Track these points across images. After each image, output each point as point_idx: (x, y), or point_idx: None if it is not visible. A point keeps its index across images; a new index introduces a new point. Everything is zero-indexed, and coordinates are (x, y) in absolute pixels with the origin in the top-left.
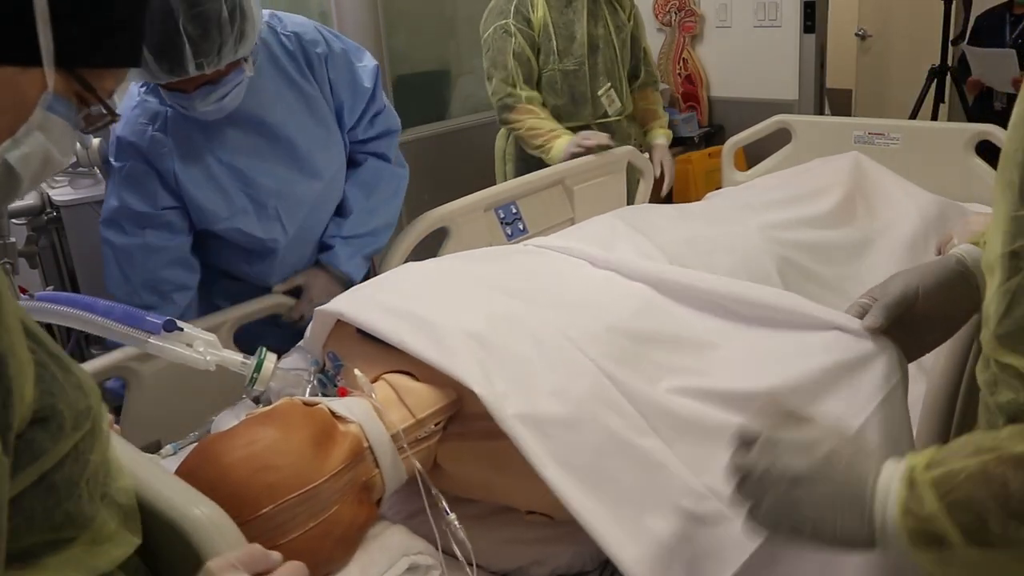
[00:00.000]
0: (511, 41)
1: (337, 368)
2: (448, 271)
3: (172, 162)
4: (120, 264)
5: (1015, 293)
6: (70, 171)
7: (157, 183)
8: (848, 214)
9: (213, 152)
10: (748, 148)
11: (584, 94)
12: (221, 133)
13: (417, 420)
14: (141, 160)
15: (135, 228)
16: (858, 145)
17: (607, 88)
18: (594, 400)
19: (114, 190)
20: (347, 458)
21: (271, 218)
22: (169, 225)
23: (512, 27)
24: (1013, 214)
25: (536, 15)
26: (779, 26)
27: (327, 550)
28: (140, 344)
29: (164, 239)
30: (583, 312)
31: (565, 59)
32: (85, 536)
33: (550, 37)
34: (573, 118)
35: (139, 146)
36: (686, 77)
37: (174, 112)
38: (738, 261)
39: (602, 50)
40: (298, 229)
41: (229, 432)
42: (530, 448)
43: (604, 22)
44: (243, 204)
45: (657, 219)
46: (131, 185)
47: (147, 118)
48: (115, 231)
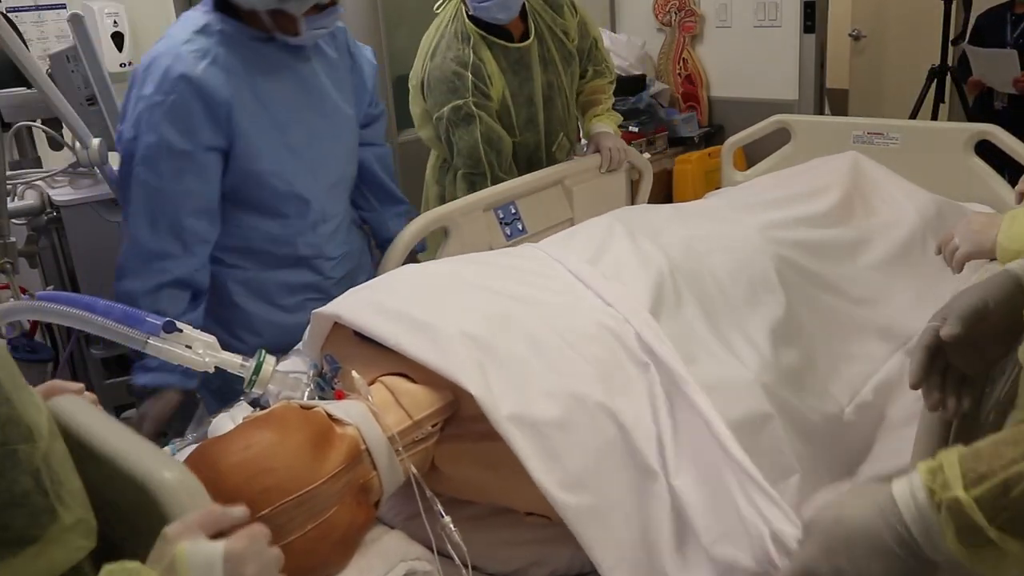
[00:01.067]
0: (476, 125)
1: (335, 371)
2: (445, 273)
3: (227, 92)
4: (149, 206)
5: None
6: (70, 171)
7: (204, 117)
8: (847, 214)
9: (258, 91)
10: (747, 148)
11: (541, 159)
12: (265, 74)
13: (414, 422)
14: (192, 92)
15: (172, 167)
16: (857, 145)
17: (560, 138)
18: (590, 402)
19: (152, 126)
20: (344, 460)
21: (305, 168)
22: (205, 169)
23: (473, 108)
24: None
25: (494, 88)
26: (779, 26)
27: (326, 552)
28: (139, 345)
29: (198, 184)
30: (579, 314)
31: (526, 132)
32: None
33: (510, 111)
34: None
35: (191, 77)
36: (686, 77)
37: (225, 51)
38: (736, 261)
39: (555, 97)
40: (329, 193)
41: (227, 436)
42: (521, 448)
43: (554, 65)
44: (284, 148)
45: (655, 220)
46: (174, 119)
47: (200, 53)
48: (149, 169)
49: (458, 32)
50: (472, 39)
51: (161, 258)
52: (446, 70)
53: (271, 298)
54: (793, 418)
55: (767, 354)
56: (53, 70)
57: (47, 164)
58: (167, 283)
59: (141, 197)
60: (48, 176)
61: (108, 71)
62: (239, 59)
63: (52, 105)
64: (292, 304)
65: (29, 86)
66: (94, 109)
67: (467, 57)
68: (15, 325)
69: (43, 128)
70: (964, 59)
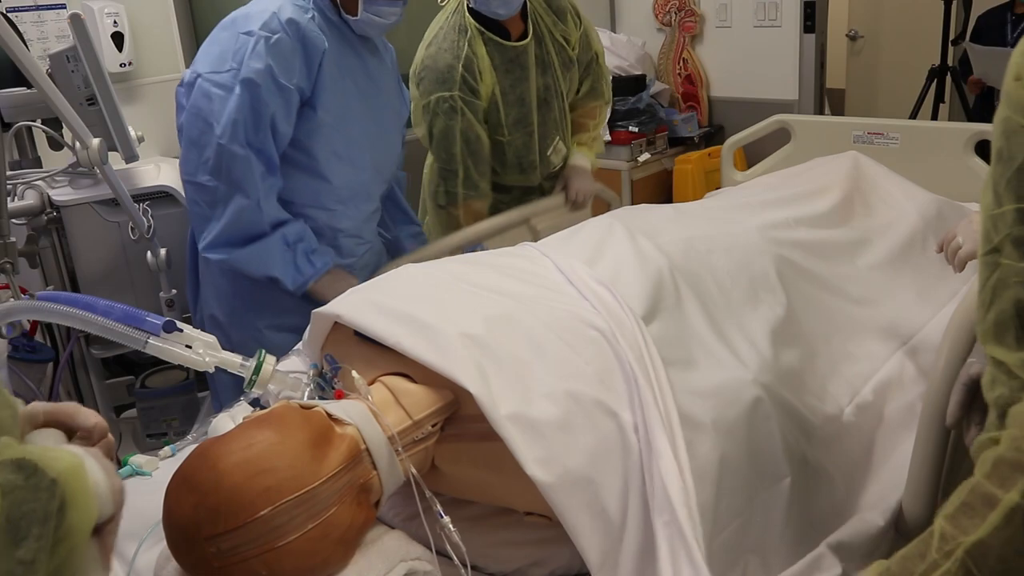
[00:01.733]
0: (458, 120)
1: (335, 370)
2: (445, 274)
3: (323, 44)
4: (250, 127)
5: (995, 289)
6: (70, 171)
7: (302, 60)
8: (847, 214)
9: (340, 59)
10: (747, 148)
11: (533, 162)
12: (342, 50)
13: (414, 422)
14: (296, 35)
15: (272, 95)
16: (857, 145)
17: (556, 142)
18: (589, 403)
19: (259, 55)
20: (344, 460)
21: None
22: (290, 110)
23: (459, 102)
24: (990, 213)
25: (484, 84)
26: (779, 26)
27: (326, 551)
28: (139, 344)
29: (284, 122)
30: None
31: (515, 131)
32: None
33: (498, 108)
34: (522, 182)
35: (298, 22)
36: (686, 77)
37: (320, 16)
38: (737, 261)
39: (550, 101)
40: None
41: (226, 436)
42: (519, 448)
43: (552, 68)
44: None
45: (655, 220)
46: (278, 54)
47: (303, 9)
48: (253, 93)
49: (457, 25)
50: (469, 32)
51: (267, 175)
52: (439, 60)
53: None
54: (792, 418)
55: (767, 354)
56: (53, 70)
57: (47, 164)
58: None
59: (243, 119)
60: (48, 176)
61: (108, 71)
62: (331, 27)
63: (52, 105)
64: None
65: (29, 86)
66: (94, 109)
67: (461, 50)
68: (15, 325)
69: (43, 128)
70: (965, 58)
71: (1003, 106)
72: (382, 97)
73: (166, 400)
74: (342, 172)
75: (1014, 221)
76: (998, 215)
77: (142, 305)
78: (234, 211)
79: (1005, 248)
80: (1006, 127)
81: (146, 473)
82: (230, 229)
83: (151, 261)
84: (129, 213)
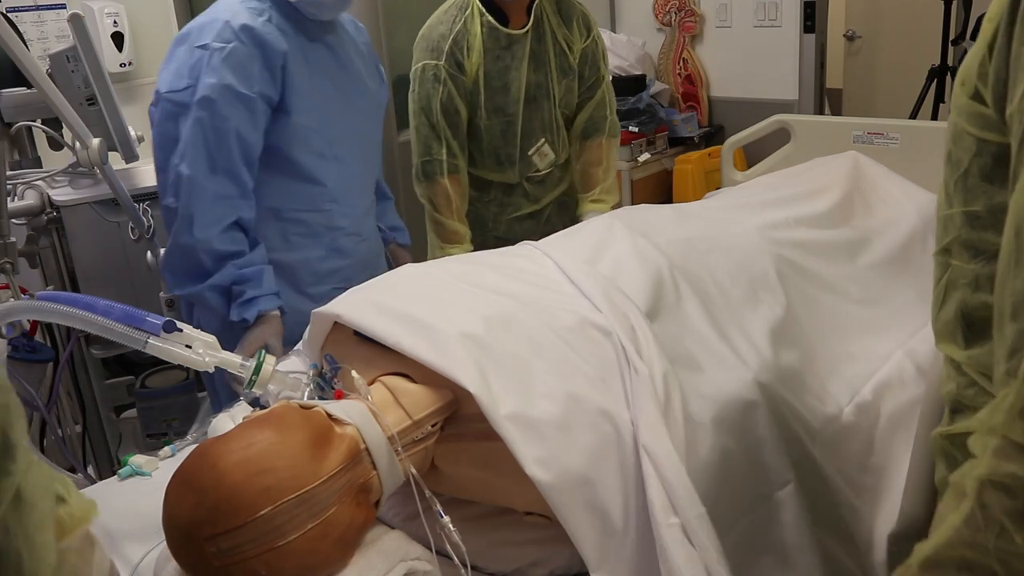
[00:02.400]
0: (439, 89)
1: (334, 371)
2: (445, 273)
3: (282, 46)
4: (208, 148)
5: (946, 289)
6: (70, 171)
7: (262, 66)
8: (846, 213)
9: (307, 56)
10: (747, 148)
11: (511, 156)
12: (310, 45)
13: (414, 421)
14: (252, 41)
15: (232, 110)
16: (857, 145)
17: (541, 144)
18: (589, 403)
19: (213, 70)
20: (344, 460)
21: (346, 132)
22: (257, 118)
23: (443, 72)
24: (941, 214)
25: (470, 61)
26: (779, 26)
27: (326, 551)
28: (139, 344)
29: (251, 132)
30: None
31: (493, 117)
32: None
33: (479, 91)
34: (500, 177)
35: (252, 28)
36: (686, 77)
37: (278, 14)
38: (736, 260)
39: (539, 100)
40: (360, 169)
41: (226, 435)
42: (518, 448)
43: (546, 68)
44: (327, 109)
45: (655, 219)
46: (235, 65)
47: (258, 11)
48: (210, 110)
49: (461, 2)
50: (469, 10)
51: (223, 198)
52: (433, 31)
53: (298, 284)
54: (792, 418)
55: (767, 354)
56: (53, 70)
57: (47, 164)
58: (232, 224)
59: (200, 139)
60: (48, 176)
61: (108, 71)
62: (290, 23)
63: (52, 105)
64: (318, 293)
65: (29, 86)
66: (94, 109)
67: (456, 24)
68: (15, 325)
69: (43, 128)
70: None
71: (952, 111)
72: (358, 84)
73: (166, 400)
74: (331, 172)
75: (962, 224)
76: (948, 216)
77: (142, 305)
78: (184, 247)
79: (954, 249)
80: (953, 131)
81: (146, 473)
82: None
83: (151, 261)
84: (129, 213)
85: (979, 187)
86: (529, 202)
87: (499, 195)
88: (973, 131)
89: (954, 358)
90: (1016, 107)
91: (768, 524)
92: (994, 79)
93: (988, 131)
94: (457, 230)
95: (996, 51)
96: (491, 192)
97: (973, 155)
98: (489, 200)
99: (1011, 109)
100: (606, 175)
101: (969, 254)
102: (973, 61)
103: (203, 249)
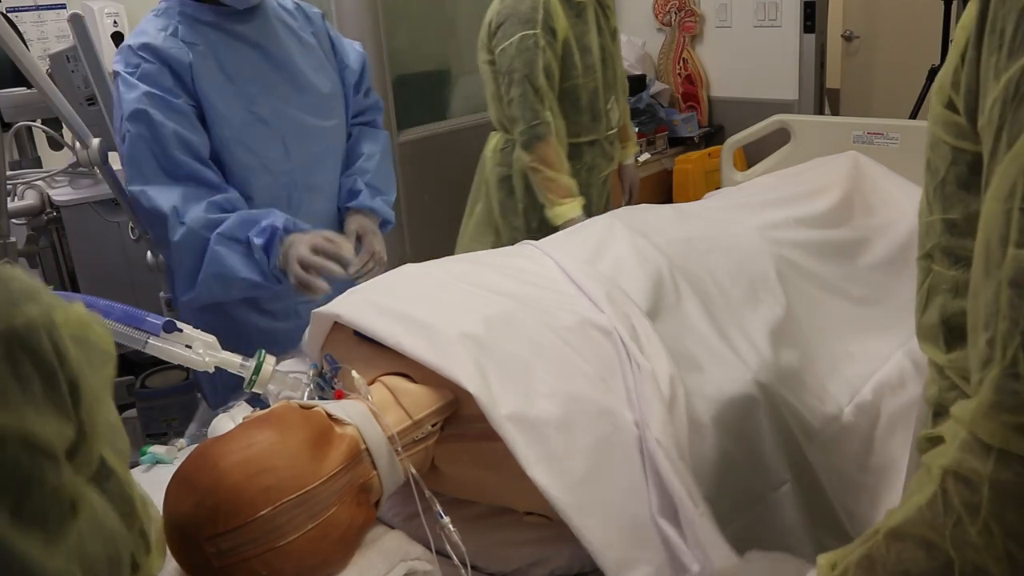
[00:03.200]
0: (540, 55)
1: (334, 371)
2: (445, 273)
3: (187, 58)
4: (157, 156)
5: (928, 293)
6: (70, 171)
7: (172, 79)
8: (846, 213)
9: (222, 63)
10: (747, 148)
11: (601, 109)
12: (229, 49)
13: (414, 421)
14: (156, 58)
15: (159, 114)
16: (857, 145)
17: (612, 100)
18: (589, 403)
19: (130, 87)
20: (344, 460)
21: (277, 139)
22: (189, 117)
23: (542, 40)
24: (923, 219)
25: (559, 26)
26: (779, 26)
27: (326, 551)
28: (139, 344)
29: (189, 130)
30: (579, 315)
31: (586, 74)
32: None
33: (572, 51)
34: (590, 132)
35: (153, 45)
36: (686, 77)
37: (185, 27)
38: (736, 261)
39: (607, 61)
40: (307, 170)
41: (227, 435)
42: (519, 448)
43: (605, 31)
44: (252, 118)
45: (655, 219)
46: (147, 80)
47: (160, 26)
48: (138, 122)
49: None
50: None
51: (193, 198)
52: (520, 5)
53: (258, 302)
54: (792, 418)
55: (766, 354)
56: (53, 70)
57: (47, 164)
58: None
59: (145, 153)
60: (48, 176)
61: (108, 71)
62: (199, 35)
63: (52, 105)
64: (279, 310)
65: (29, 86)
66: (94, 109)
67: None
68: None
69: (43, 128)
70: None
71: (929, 119)
72: (295, 80)
73: (166, 400)
74: (260, 181)
75: (942, 231)
76: (929, 222)
77: (142, 305)
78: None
79: (935, 255)
80: (930, 139)
81: (168, 460)
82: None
83: (151, 261)
84: (129, 213)
85: (956, 195)
86: (607, 161)
87: (588, 158)
88: (948, 140)
89: (936, 361)
90: (987, 118)
91: (766, 523)
92: (965, 89)
93: (962, 140)
94: (571, 185)
95: (967, 61)
96: (583, 157)
97: (949, 163)
98: (580, 166)
99: (982, 121)
100: (631, 132)
101: (949, 260)
102: (947, 70)
103: (197, 227)
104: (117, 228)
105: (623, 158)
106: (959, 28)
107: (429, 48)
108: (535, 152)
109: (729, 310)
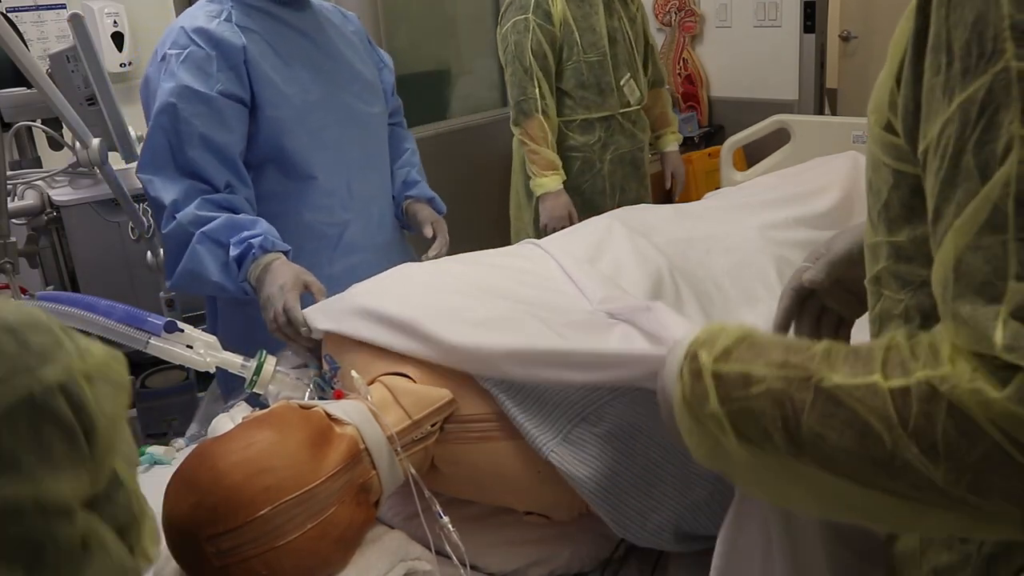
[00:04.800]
0: (528, 36)
1: (334, 371)
2: (445, 274)
3: (240, 42)
4: (174, 151)
5: (880, 320)
6: (70, 171)
7: (222, 64)
8: (847, 214)
9: (275, 47)
10: (747, 148)
11: (609, 84)
12: (280, 35)
13: (413, 421)
14: (208, 42)
15: (191, 110)
16: (857, 145)
17: (627, 78)
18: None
19: (170, 74)
20: (344, 460)
21: (333, 121)
22: (223, 115)
23: (532, 22)
24: (869, 241)
25: (555, 9)
26: (779, 26)
27: (325, 551)
28: (141, 345)
29: (218, 131)
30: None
31: (589, 51)
32: None
33: (572, 31)
34: (600, 108)
35: (207, 29)
36: (686, 77)
37: (239, 12)
38: (736, 261)
39: (619, 42)
40: (362, 150)
41: (226, 435)
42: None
43: (618, 15)
44: (307, 101)
45: (655, 220)
46: (191, 66)
47: (215, 12)
48: (168, 114)
49: None
50: None
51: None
52: None
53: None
54: None
55: None
56: (53, 70)
57: (47, 164)
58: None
59: (163, 145)
60: (48, 176)
61: (108, 71)
62: (252, 20)
63: (52, 105)
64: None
65: (29, 86)
66: (94, 109)
67: None
68: None
69: (43, 128)
70: None
71: (867, 139)
72: (345, 68)
73: (166, 400)
74: (324, 161)
75: (888, 254)
76: (874, 244)
77: (142, 305)
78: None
79: (883, 278)
80: (871, 160)
81: (166, 461)
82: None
83: (151, 261)
84: (129, 213)
85: (901, 218)
86: (626, 139)
87: (602, 134)
88: (889, 162)
89: None
90: (934, 142)
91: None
92: (903, 111)
93: (903, 163)
94: (552, 159)
95: (904, 82)
96: (595, 132)
97: (891, 186)
98: (594, 142)
99: (924, 144)
100: (672, 118)
101: (898, 284)
102: (883, 89)
103: (185, 222)
104: (117, 228)
105: (663, 145)
106: (892, 45)
107: (429, 48)
108: (522, 126)
109: (728, 310)
